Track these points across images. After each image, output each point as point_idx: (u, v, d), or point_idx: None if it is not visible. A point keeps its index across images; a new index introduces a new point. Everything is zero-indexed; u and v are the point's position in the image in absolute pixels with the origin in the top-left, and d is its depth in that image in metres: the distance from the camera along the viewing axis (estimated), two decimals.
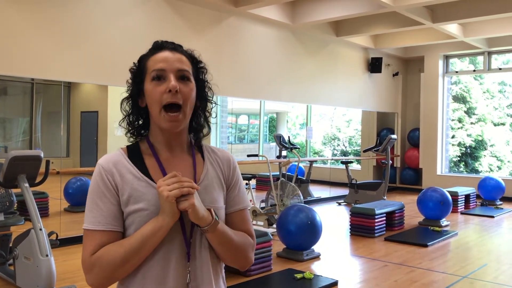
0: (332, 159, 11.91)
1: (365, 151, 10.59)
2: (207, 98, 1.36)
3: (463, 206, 8.78)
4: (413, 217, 7.87)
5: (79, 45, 5.68)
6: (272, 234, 5.08)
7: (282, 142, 9.76)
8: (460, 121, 11.91)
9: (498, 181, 9.30)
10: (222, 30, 7.34)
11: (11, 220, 4.41)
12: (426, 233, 6.68)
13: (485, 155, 11.90)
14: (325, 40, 9.32)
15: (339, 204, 9.51)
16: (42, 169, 4.07)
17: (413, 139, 11.64)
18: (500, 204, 9.29)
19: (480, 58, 11.07)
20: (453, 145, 11.73)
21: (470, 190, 9.04)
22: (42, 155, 3.99)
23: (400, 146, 11.68)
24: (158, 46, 1.30)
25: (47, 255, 3.68)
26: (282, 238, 5.38)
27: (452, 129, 11.76)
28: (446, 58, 11.31)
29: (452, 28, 8.79)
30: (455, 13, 7.92)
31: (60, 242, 4.24)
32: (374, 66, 10.53)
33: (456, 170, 11.85)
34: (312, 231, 5.26)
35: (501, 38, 9.89)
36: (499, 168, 11.81)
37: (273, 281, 4.55)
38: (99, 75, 5.96)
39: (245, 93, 7.95)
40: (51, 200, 6.70)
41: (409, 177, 11.62)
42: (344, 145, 14.25)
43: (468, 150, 11.84)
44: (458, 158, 11.93)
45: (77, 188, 7.00)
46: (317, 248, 5.50)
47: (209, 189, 1.31)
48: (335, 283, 4.45)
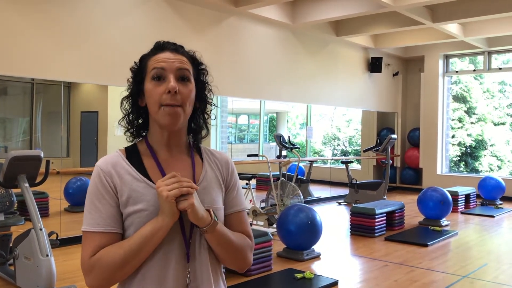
0: (332, 159, 11.90)
1: (365, 151, 10.59)
2: (207, 100, 1.36)
3: (463, 206, 8.78)
4: (413, 217, 7.87)
5: (79, 45, 5.68)
6: (272, 234, 5.08)
7: (282, 142, 9.76)
8: (460, 120, 11.91)
9: (498, 180, 9.30)
10: (222, 30, 7.34)
11: (11, 220, 4.41)
12: (426, 232, 6.68)
13: (485, 155, 11.90)
14: (325, 40, 9.32)
15: (339, 204, 9.51)
16: (42, 169, 4.07)
17: (413, 139, 11.64)
18: (500, 203, 9.28)
19: (480, 58, 11.07)
20: (453, 144, 11.73)
21: (470, 189, 9.04)
22: (42, 155, 3.99)
23: (400, 146, 11.68)
24: (160, 46, 1.30)
25: (47, 255, 3.68)
26: (282, 238, 5.38)
27: (452, 128, 11.75)
28: (446, 57, 11.31)
29: (452, 27, 8.79)
30: (455, 12, 7.92)
31: (60, 242, 4.24)
32: (374, 66, 10.52)
33: (456, 169, 11.85)
34: (312, 231, 5.26)
35: (501, 37, 9.89)
36: (499, 167, 11.81)
37: (273, 281, 4.55)
38: (99, 75, 5.95)
39: (245, 93, 7.95)
40: (51, 200, 6.71)
41: (409, 177, 11.62)
42: (344, 145, 14.25)
43: (468, 149, 11.83)
44: (458, 158, 11.93)
45: (77, 188, 7.01)
46: (317, 248, 5.50)
47: (208, 190, 1.31)
48: (335, 283, 4.45)
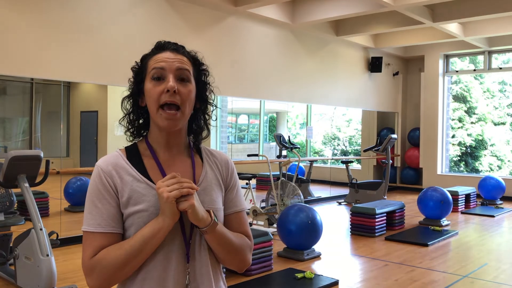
0: (332, 159, 11.90)
1: (365, 151, 10.59)
2: (208, 100, 1.35)
3: (464, 206, 8.78)
4: (413, 216, 7.86)
5: (79, 44, 5.67)
6: (272, 234, 5.08)
7: (282, 142, 9.75)
8: (460, 120, 11.90)
9: (498, 180, 9.30)
10: (221, 30, 7.33)
11: (11, 220, 4.41)
12: (427, 232, 6.67)
13: (485, 155, 11.89)
14: (325, 39, 9.31)
15: (340, 203, 9.51)
16: (42, 169, 4.07)
17: (413, 139, 11.64)
18: (500, 203, 9.28)
19: (480, 58, 11.06)
20: (453, 144, 11.73)
21: (471, 189, 9.04)
22: (42, 155, 3.98)
23: (400, 146, 11.68)
24: (161, 46, 1.30)
25: (48, 255, 3.68)
26: (282, 238, 5.38)
27: (452, 128, 11.75)
28: (446, 57, 11.30)
29: (452, 27, 8.78)
30: (456, 12, 7.91)
31: (60, 242, 4.24)
32: (374, 65, 10.52)
33: (456, 169, 11.85)
34: (312, 231, 5.26)
35: (501, 37, 9.88)
36: (499, 167, 11.81)
37: (273, 280, 4.55)
38: (99, 75, 5.95)
39: (245, 92, 7.94)
40: (51, 200, 6.71)
41: (409, 176, 11.62)
42: (344, 144, 14.25)
43: (468, 149, 11.83)
44: (459, 158, 11.93)
45: (77, 188, 7.01)
46: (317, 247, 5.50)
47: (208, 190, 1.30)
48: (336, 283, 4.45)
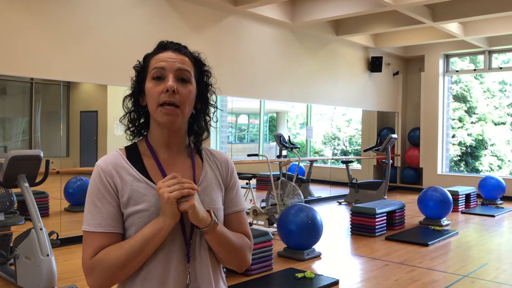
0: (332, 159, 11.90)
1: (365, 151, 10.58)
2: (209, 101, 1.35)
3: (464, 206, 8.77)
4: (413, 216, 7.86)
5: (79, 44, 5.67)
6: (272, 234, 5.07)
7: (282, 142, 9.75)
8: (460, 120, 11.90)
9: (498, 180, 9.29)
10: (221, 29, 7.32)
11: (12, 220, 4.41)
12: (427, 232, 6.67)
13: (485, 155, 11.89)
14: (325, 39, 9.31)
15: (340, 203, 9.51)
16: (42, 168, 4.07)
17: (413, 139, 11.64)
18: (500, 203, 9.28)
19: (480, 57, 11.06)
20: (453, 144, 11.72)
21: (471, 189, 9.03)
22: (42, 155, 3.98)
23: (400, 146, 11.68)
24: (163, 46, 1.30)
25: (48, 255, 3.68)
26: (282, 238, 5.37)
27: (452, 128, 11.75)
28: (447, 57, 11.30)
29: (452, 27, 8.78)
30: (456, 12, 7.91)
31: (60, 242, 4.24)
32: (374, 65, 10.51)
33: (456, 169, 11.85)
34: (312, 231, 5.26)
35: (501, 37, 9.88)
36: (500, 167, 11.81)
37: (274, 280, 4.54)
38: (98, 75, 5.94)
39: (245, 92, 7.94)
40: (51, 199, 6.71)
41: (409, 176, 11.61)
42: (344, 144, 14.25)
43: (468, 149, 11.83)
44: (459, 158, 11.93)
45: (77, 187, 7.01)
46: (317, 247, 5.49)
47: (208, 190, 1.30)
48: (336, 283, 4.45)
